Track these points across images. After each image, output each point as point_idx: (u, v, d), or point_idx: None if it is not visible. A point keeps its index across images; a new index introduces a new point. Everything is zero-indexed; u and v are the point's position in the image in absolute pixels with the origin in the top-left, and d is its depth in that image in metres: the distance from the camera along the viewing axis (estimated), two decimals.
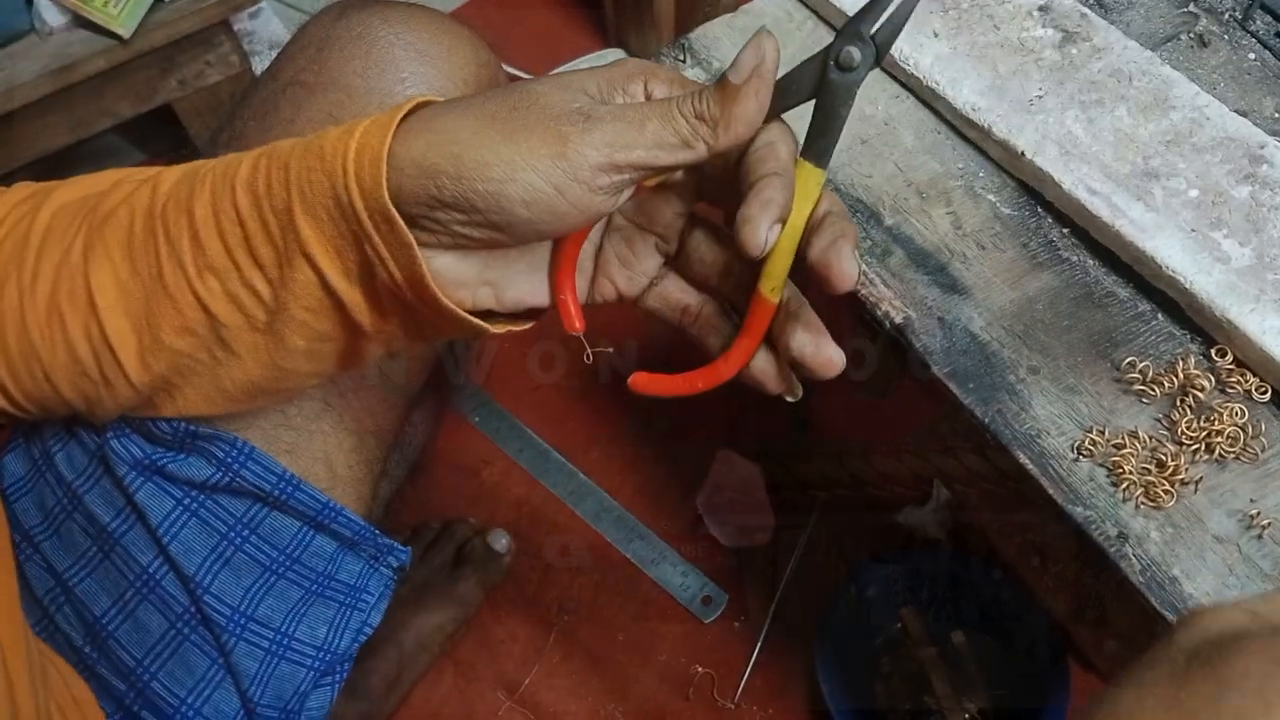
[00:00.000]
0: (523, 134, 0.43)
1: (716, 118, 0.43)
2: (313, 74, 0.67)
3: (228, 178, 0.48)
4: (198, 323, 0.50)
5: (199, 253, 0.48)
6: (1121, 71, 0.67)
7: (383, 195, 0.43)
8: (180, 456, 0.63)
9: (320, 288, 0.48)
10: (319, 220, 0.46)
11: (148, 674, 0.65)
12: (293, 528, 0.67)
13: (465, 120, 0.44)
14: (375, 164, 0.43)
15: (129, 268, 0.50)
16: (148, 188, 0.51)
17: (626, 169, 0.43)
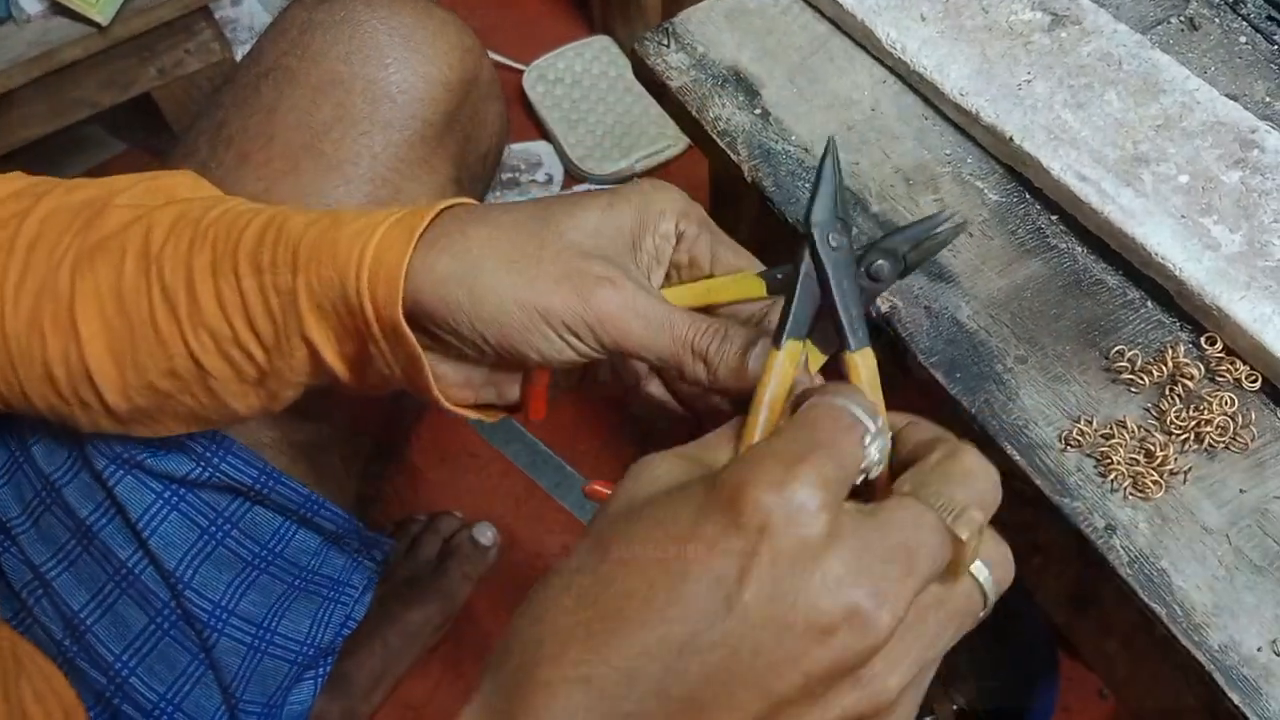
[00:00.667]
0: (546, 290, 0.42)
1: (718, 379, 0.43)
2: (295, 59, 0.66)
3: (230, 240, 0.47)
4: (186, 370, 0.50)
5: (195, 309, 0.48)
6: (1111, 55, 0.66)
7: (396, 313, 0.43)
8: (160, 451, 0.62)
9: (316, 364, 0.48)
10: (324, 312, 0.45)
11: (127, 669, 0.64)
12: (275, 522, 0.66)
13: (489, 253, 0.43)
14: (391, 281, 0.43)
15: (116, 304, 0.50)
16: (141, 227, 0.50)
17: (617, 352, 0.44)
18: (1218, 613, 0.50)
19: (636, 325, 0.43)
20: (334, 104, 0.63)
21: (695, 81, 0.70)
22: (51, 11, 1.15)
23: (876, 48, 0.69)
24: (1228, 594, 0.51)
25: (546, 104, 1.45)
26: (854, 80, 0.70)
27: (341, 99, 0.63)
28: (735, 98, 0.69)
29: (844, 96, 0.69)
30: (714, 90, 0.70)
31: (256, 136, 0.63)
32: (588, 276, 0.42)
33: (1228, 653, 0.49)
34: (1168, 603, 0.51)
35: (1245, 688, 0.49)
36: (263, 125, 0.63)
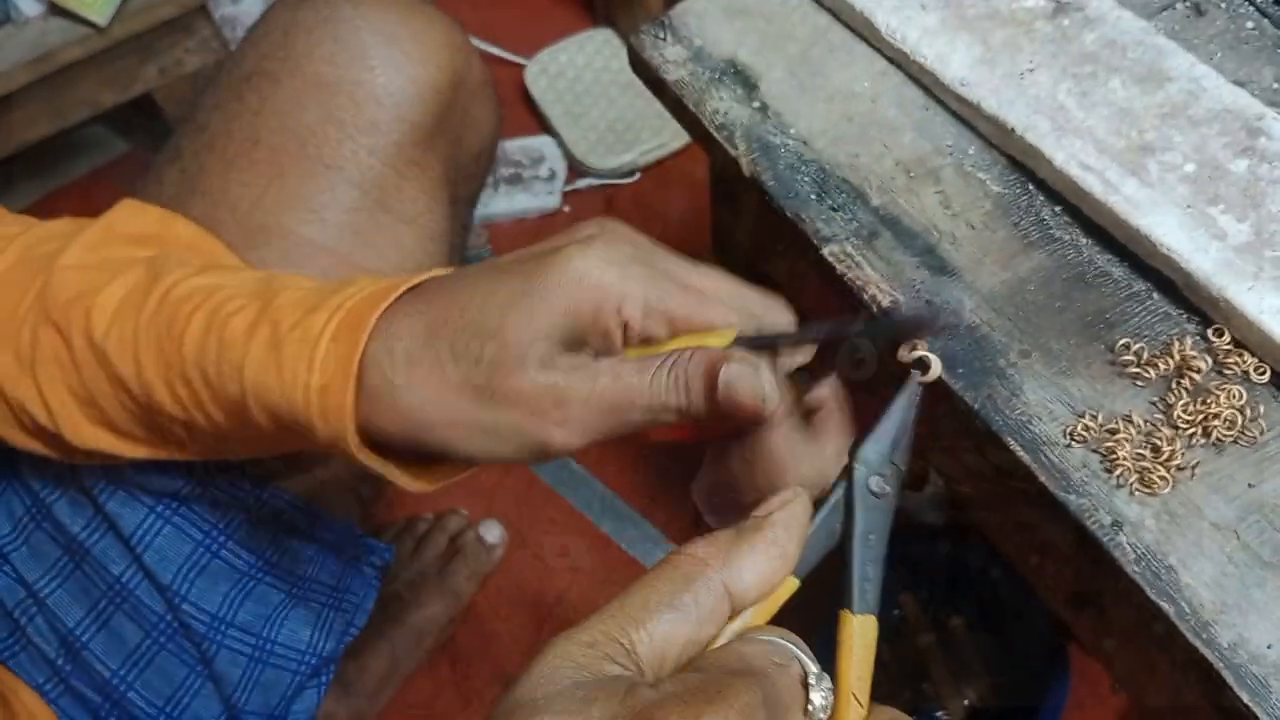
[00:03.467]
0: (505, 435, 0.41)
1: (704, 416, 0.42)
2: (277, 62, 0.65)
3: (173, 342, 0.47)
4: (163, 433, 0.51)
5: (152, 402, 0.49)
6: (1115, 42, 0.64)
7: (349, 448, 0.43)
8: (151, 467, 0.61)
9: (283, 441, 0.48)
10: (284, 418, 0.45)
11: (124, 684, 0.64)
12: (270, 532, 0.66)
13: (434, 407, 0.42)
14: (339, 419, 0.42)
15: (78, 379, 0.50)
16: (81, 310, 0.50)
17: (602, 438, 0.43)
18: (1226, 610, 0.49)
19: (606, 425, 0.41)
20: (319, 107, 0.62)
21: (692, 75, 0.69)
22: (50, 13, 1.15)
23: (876, 38, 0.68)
24: (1236, 591, 0.50)
25: (548, 98, 1.44)
26: (854, 72, 0.69)
27: (326, 102, 0.63)
28: (733, 90, 0.68)
29: (844, 88, 0.68)
30: (711, 83, 0.69)
31: (240, 140, 0.62)
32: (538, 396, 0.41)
33: (1237, 650, 0.49)
34: (1175, 600, 0.50)
35: (1255, 686, 0.48)
36: (247, 129, 0.63)
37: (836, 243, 0.61)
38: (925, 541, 1.03)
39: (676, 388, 0.41)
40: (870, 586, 0.36)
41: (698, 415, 0.42)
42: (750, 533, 0.34)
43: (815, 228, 0.62)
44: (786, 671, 0.32)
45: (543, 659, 0.31)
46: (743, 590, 0.33)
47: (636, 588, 0.32)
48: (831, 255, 0.61)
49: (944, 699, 0.97)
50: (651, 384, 0.41)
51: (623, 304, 0.41)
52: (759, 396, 0.41)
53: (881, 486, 0.37)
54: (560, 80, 1.45)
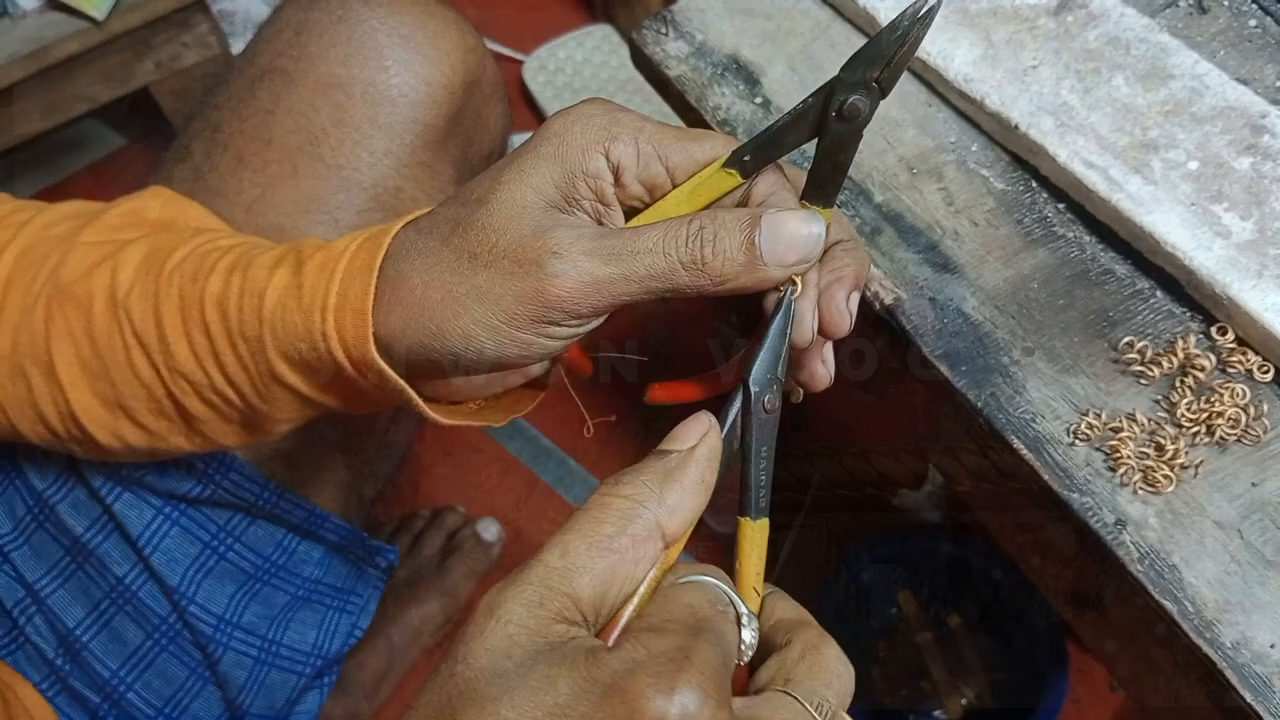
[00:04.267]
0: (498, 294, 0.39)
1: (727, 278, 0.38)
2: (291, 60, 0.64)
3: (197, 285, 0.46)
4: (171, 411, 0.49)
5: (169, 355, 0.47)
6: (1118, 39, 0.64)
7: (371, 355, 0.41)
8: (159, 469, 0.61)
9: (300, 401, 0.47)
10: (294, 361, 0.44)
11: (124, 685, 0.64)
12: (277, 535, 0.65)
13: (433, 282, 0.40)
14: (360, 326, 0.41)
15: (91, 350, 0.49)
16: (107, 270, 0.49)
17: (609, 308, 0.40)
18: (1229, 609, 0.49)
19: (607, 275, 0.38)
20: (333, 107, 0.62)
21: (694, 70, 0.69)
22: (47, 7, 1.14)
23: None
24: (1240, 590, 0.50)
25: (547, 94, 1.43)
26: None
27: (341, 102, 0.62)
28: (735, 86, 0.68)
29: None
30: (713, 79, 0.68)
31: (253, 139, 0.62)
32: (532, 257, 0.38)
33: (1240, 650, 0.48)
34: (1179, 599, 0.50)
35: (1258, 685, 0.48)
36: (259, 128, 0.62)
37: None
38: (924, 538, 1.03)
39: (700, 240, 0.38)
40: (764, 493, 0.39)
41: (720, 282, 0.38)
42: (678, 470, 0.35)
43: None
44: (727, 617, 0.33)
45: (490, 626, 0.30)
46: (675, 529, 0.34)
47: (572, 532, 0.32)
48: None
49: (942, 697, 0.97)
50: (667, 237, 0.38)
51: (611, 145, 0.40)
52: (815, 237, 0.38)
53: (771, 403, 0.39)
54: (559, 76, 1.45)
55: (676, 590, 0.33)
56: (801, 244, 0.38)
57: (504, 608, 0.31)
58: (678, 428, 0.36)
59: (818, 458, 1.10)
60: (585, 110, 0.41)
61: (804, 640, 0.36)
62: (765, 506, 0.40)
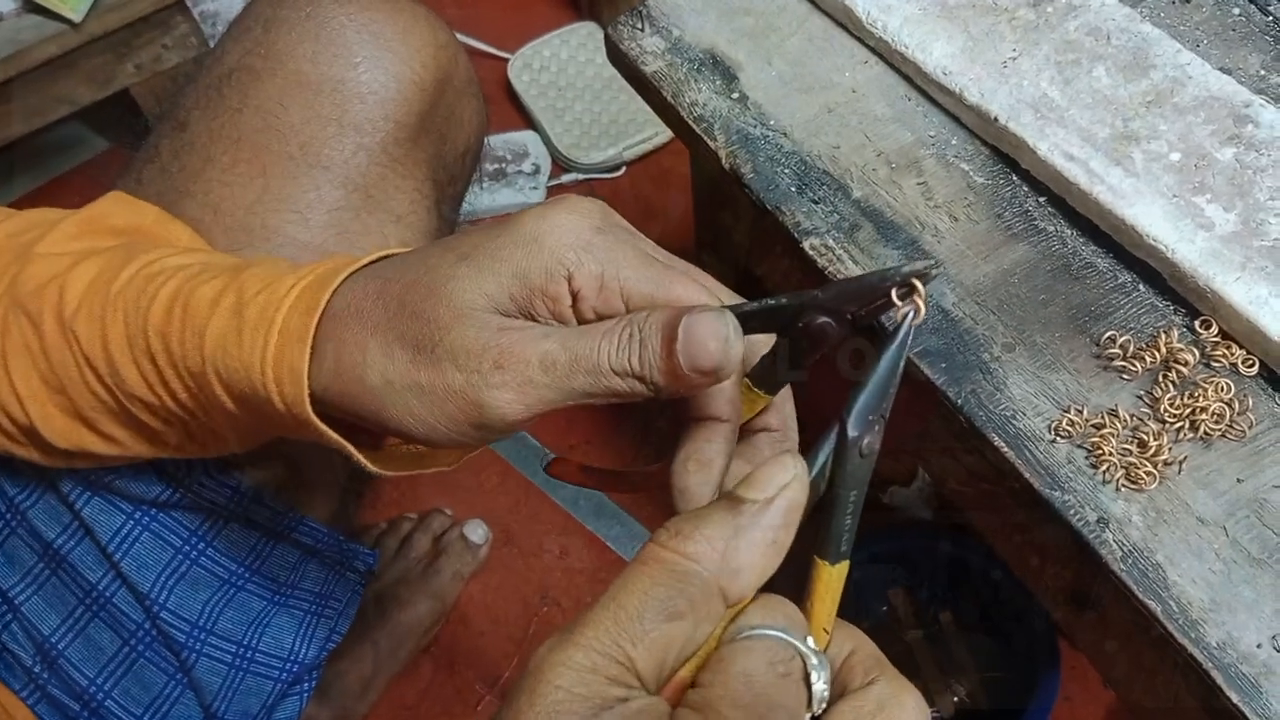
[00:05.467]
0: (436, 400, 0.38)
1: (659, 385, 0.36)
2: (259, 58, 0.63)
3: (140, 313, 0.45)
4: (133, 424, 0.49)
5: (119, 379, 0.47)
6: (1099, 30, 0.63)
7: (306, 414, 0.41)
8: (128, 472, 0.60)
9: (251, 427, 0.46)
10: (236, 399, 0.43)
11: (101, 693, 0.63)
12: (251, 538, 0.64)
13: (372, 364, 0.39)
14: (295, 384, 0.40)
15: (46, 365, 0.49)
16: (55, 289, 0.48)
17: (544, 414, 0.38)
18: (1215, 608, 0.48)
19: (541, 388, 0.37)
20: (302, 105, 0.61)
21: (670, 66, 0.68)
22: (24, 9, 1.13)
23: (857, 27, 0.67)
24: (1225, 588, 0.49)
25: (532, 93, 1.42)
26: (834, 62, 0.67)
27: (309, 100, 0.61)
28: (712, 82, 0.67)
29: (824, 78, 0.67)
30: (690, 75, 0.67)
31: (220, 139, 0.61)
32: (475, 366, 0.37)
33: (1226, 650, 0.48)
34: (1163, 599, 0.49)
35: (1244, 686, 0.47)
36: (227, 127, 0.61)
37: (817, 236, 0.60)
38: (914, 535, 1.02)
39: (630, 345, 0.36)
40: (847, 538, 0.36)
41: (653, 380, 0.37)
42: (749, 528, 0.31)
43: (796, 221, 0.61)
44: (790, 681, 0.31)
45: (541, 688, 0.28)
46: (739, 592, 0.31)
47: (627, 592, 0.30)
48: (812, 249, 0.60)
49: (934, 695, 0.96)
50: (602, 342, 0.37)
51: (576, 271, 0.38)
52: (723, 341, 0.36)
53: (870, 446, 0.35)
54: (544, 74, 1.44)
55: (734, 654, 0.30)
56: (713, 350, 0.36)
57: (555, 670, 0.29)
58: (759, 470, 0.32)
59: None
60: (564, 221, 0.39)
61: (880, 692, 0.33)
62: (847, 551, 0.35)
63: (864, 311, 0.37)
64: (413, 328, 0.38)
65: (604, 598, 0.30)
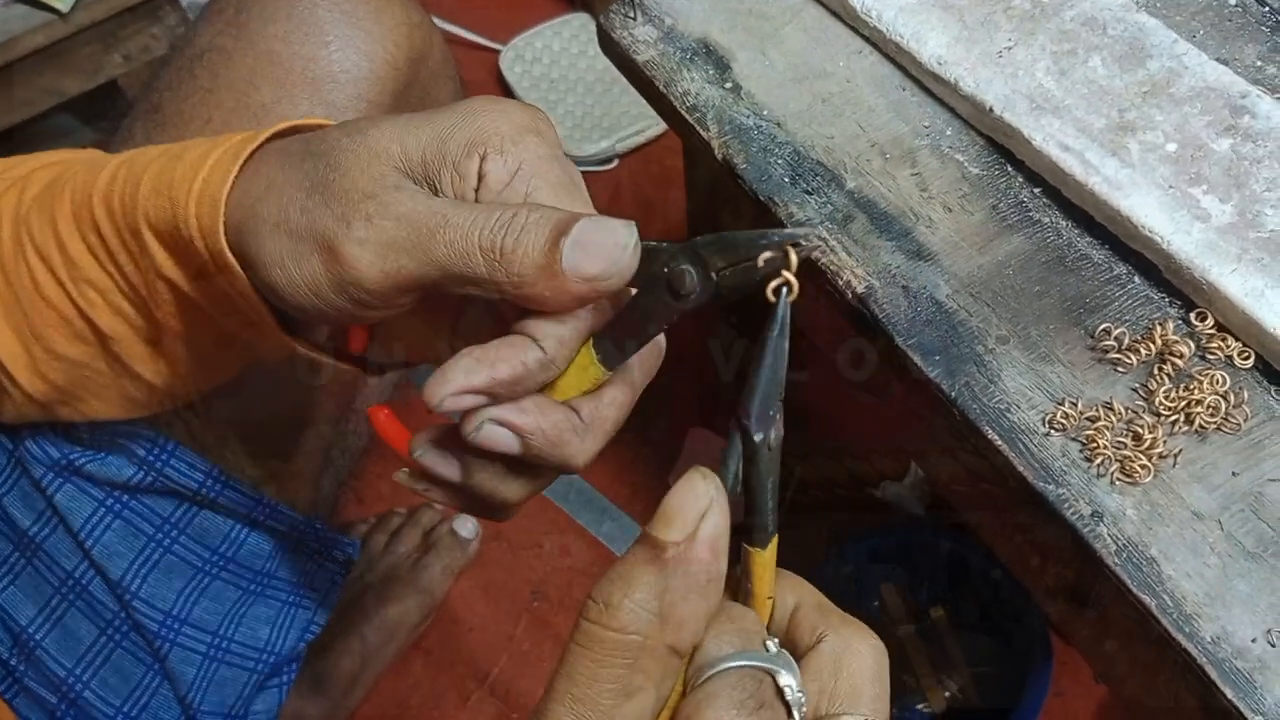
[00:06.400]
0: (305, 238, 0.36)
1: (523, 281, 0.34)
2: (230, 38, 0.63)
3: (86, 186, 0.44)
4: (86, 331, 0.47)
5: (70, 264, 0.45)
6: (1095, 19, 0.63)
7: (218, 242, 0.39)
8: (99, 455, 0.59)
9: (185, 306, 0.44)
10: (166, 246, 0.42)
11: (80, 684, 0.62)
12: (225, 526, 0.63)
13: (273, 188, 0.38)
14: (212, 210, 0.39)
15: (2, 278, 0.47)
16: (15, 190, 0.47)
17: (398, 291, 0.36)
18: (1210, 603, 0.48)
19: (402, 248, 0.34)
20: (273, 85, 0.60)
21: (663, 55, 0.67)
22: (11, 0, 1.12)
23: (852, 17, 0.67)
24: (1220, 583, 0.48)
25: (524, 85, 1.41)
26: (828, 51, 0.67)
27: (281, 79, 0.61)
28: (705, 71, 0.66)
29: (818, 68, 0.66)
30: (682, 64, 0.67)
31: (192, 119, 0.60)
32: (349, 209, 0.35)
33: (1220, 644, 0.47)
34: (1157, 593, 0.48)
35: (1239, 681, 0.46)
36: (199, 108, 0.61)
37: (810, 227, 0.60)
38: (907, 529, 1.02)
39: (510, 227, 0.33)
40: (772, 519, 0.34)
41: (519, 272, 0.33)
42: (678, 576, 0.29)
43: (789, 212, 0.60)
44: (766, 709, 0.29)
45: None
46: (689, 640, 0.30)
47: (578, 682, 0.28)
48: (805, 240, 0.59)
49: (925, 690, 0.96)
50: (479, 216, 0.34)
51: (492, 154, 0.36)
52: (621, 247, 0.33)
53: (776, 438, 0.33)
54: (536, 66, 1.43)
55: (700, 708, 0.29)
56: (608, 252, 0.33)
57: None
58: (668, 500, 0.30)
59: (818, 458, 1.09)
60: (506, 110, 0.37)
61: (832, 647, 0.32)
62: (773, 530, 0.34)
63: (729, 270, 0.34)
64: (318, 167, 0.37)
65: (556, 691, 0.29)
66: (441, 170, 0.36)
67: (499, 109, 0.37)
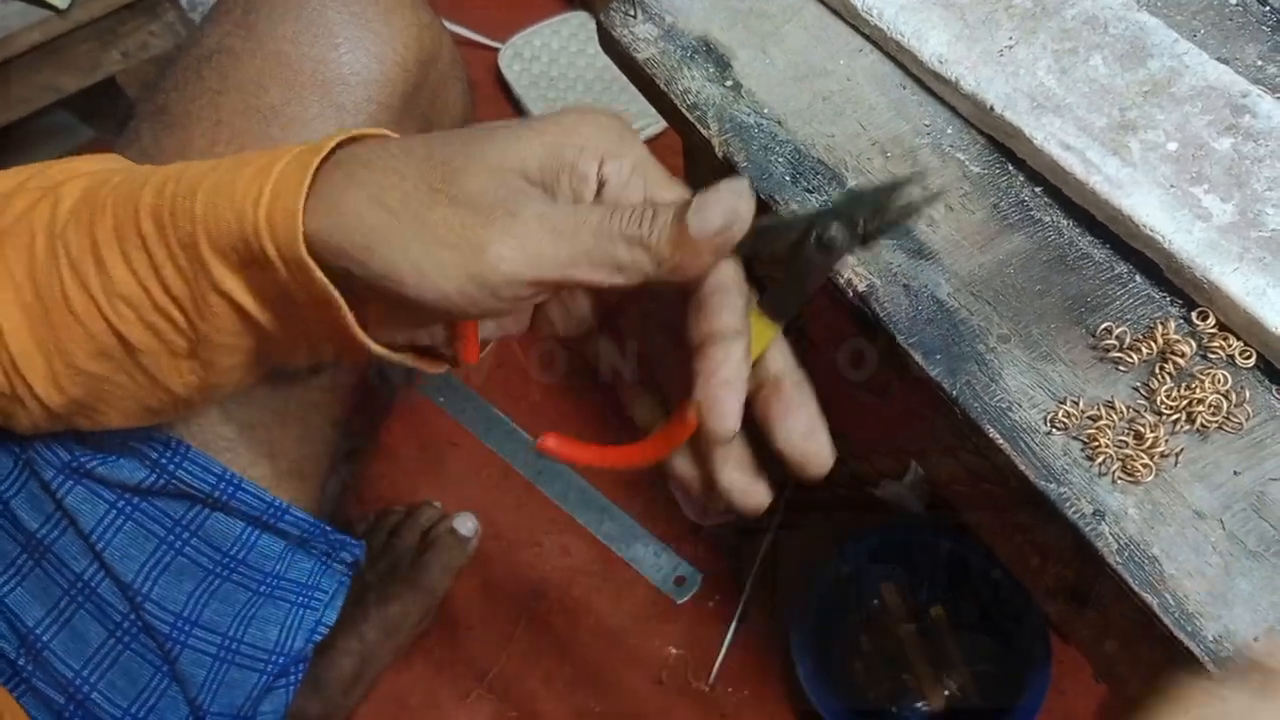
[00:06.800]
0: (437, 236, 0.38)
1: (663, 256, 0.38)
2: (239, 39, 0.62)
3: (131, 200, 0.44)
4: (112, 348, 0.46)
5: (105, 278, 0.45)
6: (1096, 18, 0.63)
7: (298, 248, 0.39)
8: (111, 458, 0.59)
9: (240, 319, 0.44)
10: (229, 261, 0.42)
11: (87, 685, 0.62)
12: (236, 528, 0.63)
13: (376, 204, 0.39)
14: (289, 217, 0.39)
15: (32, 289, 0.46)
16: (48, 203, 0.47)
17: (544, 285, 0.39)
18: (1212, 601, 0.48)
19: (547, 244, 0.38)
20: (282, 86, 0.60)
21: (663, 53, 0.67)
22: None
23: (852, 15, 0.67)
24: (1222, 582, 0.48)
25: (523, 83, 1.41)
26: (829, 49, 0.67)
27: (290, 81, 0.60)
28: (705, 69, 0.66)
29: (818, 66, 0.66)
30: (683, 62, 0.67)
31: (200, 120, 0.60)
32: (483, 210, 0.38)
33: (1223, 644, 0.47)
34: (1159, 592, 0.48)
35: None
36: (207, 109, 0.60)
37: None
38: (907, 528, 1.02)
39: (644, 215, 0.38)
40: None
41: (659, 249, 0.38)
42: None
43: (789, 211, 0.60)
44: None
45: None
46: None
47: None
48: None
49: (925, 689, 0.96)
50: (613, 216, 0.38)
51: (610, 158, 0.40)
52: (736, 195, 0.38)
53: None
54: (535, 64, 1.43)
55: None
56: (726, 202, 0.38)
57: None
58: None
59: None
60: (602, 118, 0.41)
61: None
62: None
63: (874, 220, 0.40)
64: (432, 172, 0.39)
65: None
66: (559, 176, 0.40)
67: (598, 118, 0.41)
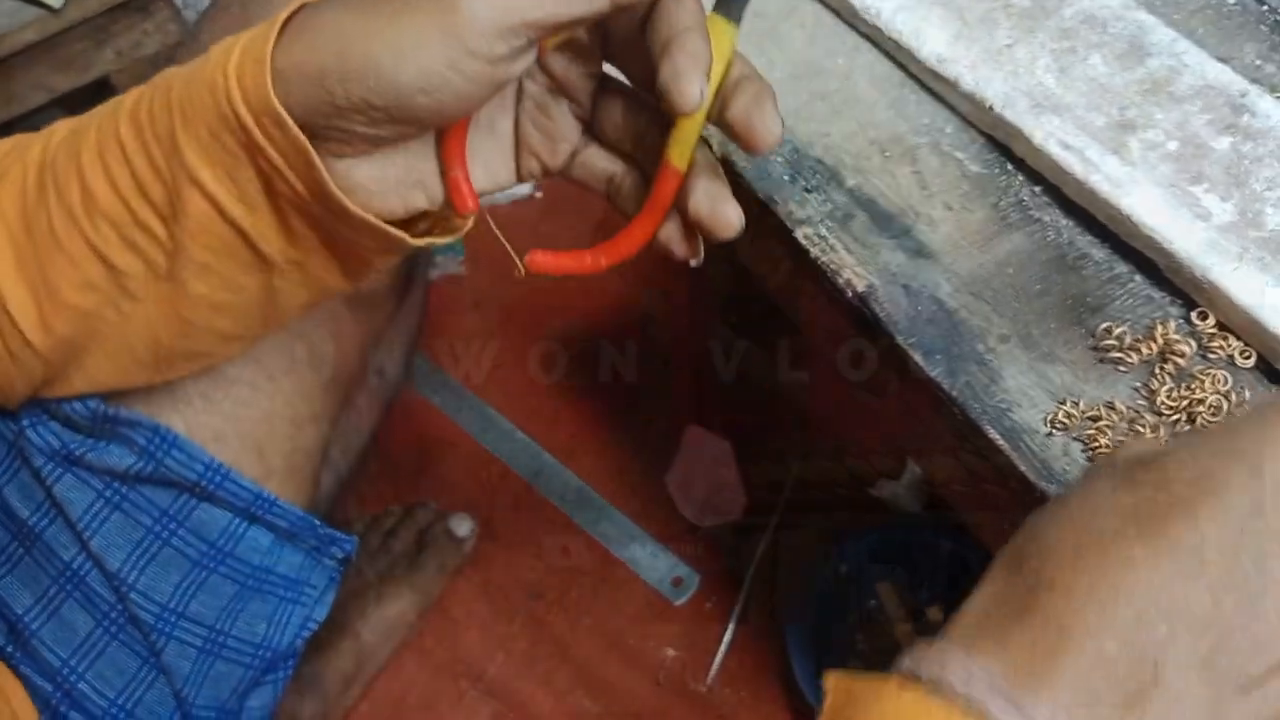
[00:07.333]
0: (407, 12, 0.39)
1: None
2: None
3: (114, 112, 0.45)
4: (98, 276, 0.47)
5: (89, 200, 0.45)
6: (1095, 17, 0.63)
7: (268, 96, 0.40)
8: (100, 444, 0.59)
9: (217, 218, 0.44)
10: (202, 141, 0.42)
11: (75, 674, 0.62)
12: (223, 520, 0.63)
13: (344, 8, 0.40)
14: (258, 67, 0.40)
15: (22, 225, 0.47)
16: (40, 141, 0.48)
17: (523, 29, 0.39)
18: None
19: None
20: None
21: None
22: None
23: (850, 14, 0.66)
24: None
25: None
26: (826, 47, 0.66)
27: None
28: None
29: (816, 64, 0.66)
30: None
31: None
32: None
33: None
34: None
35: None
36: None
37: (810, 225, 0.59)
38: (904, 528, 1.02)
39: None
40: None
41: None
42: None
43: (789, 210, 0.60)
44: None
45: None
46: None
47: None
48: (805, 238, 0.59)
49: None
50: None
51: None
52: None
53: None
54: None
55: None
56: None
57: None
58: None
59: (818, 457, 1.09)
60: None
61: None
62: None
63: None
64: None
65: None
66: None
67: None
